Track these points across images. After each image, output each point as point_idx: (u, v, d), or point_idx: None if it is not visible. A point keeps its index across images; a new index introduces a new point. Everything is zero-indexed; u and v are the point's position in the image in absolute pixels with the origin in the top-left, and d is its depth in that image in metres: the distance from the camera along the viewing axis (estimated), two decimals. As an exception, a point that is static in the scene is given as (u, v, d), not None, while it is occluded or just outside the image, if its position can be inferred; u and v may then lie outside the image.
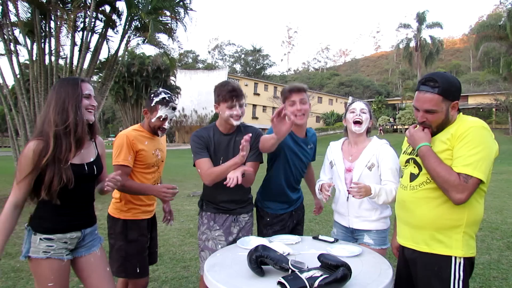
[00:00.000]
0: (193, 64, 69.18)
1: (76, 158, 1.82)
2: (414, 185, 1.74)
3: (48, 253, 1.78)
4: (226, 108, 2.20)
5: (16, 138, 8.26)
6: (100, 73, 10.84)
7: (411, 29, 39.47)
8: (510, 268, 3.66)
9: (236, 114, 2.21)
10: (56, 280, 1.79)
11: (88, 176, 1.88)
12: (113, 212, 2.35)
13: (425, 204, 1.68)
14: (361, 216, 2.23)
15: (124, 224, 2.30)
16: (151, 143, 2.34)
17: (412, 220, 1.74)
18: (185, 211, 6.59)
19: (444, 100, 1.61)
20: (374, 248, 2.14)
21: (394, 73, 76.36)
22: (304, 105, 2.33)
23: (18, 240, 4.73)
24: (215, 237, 2.30)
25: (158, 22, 8.48)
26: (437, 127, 1.68)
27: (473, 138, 1.55)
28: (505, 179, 10.56)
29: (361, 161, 2.24)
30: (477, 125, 1.59)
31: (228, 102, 2.19)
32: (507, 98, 27.98)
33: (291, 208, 2.51)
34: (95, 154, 1.96)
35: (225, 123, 2.28)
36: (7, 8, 7.51)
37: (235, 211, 2.35)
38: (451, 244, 1.62)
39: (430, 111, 1.63)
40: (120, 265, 2.29)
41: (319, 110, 42.86)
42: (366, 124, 2.28)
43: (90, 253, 1.93)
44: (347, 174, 2.28)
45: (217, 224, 2.32)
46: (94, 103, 1.88)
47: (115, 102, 32.85)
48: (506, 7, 30.49)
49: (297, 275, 1.44)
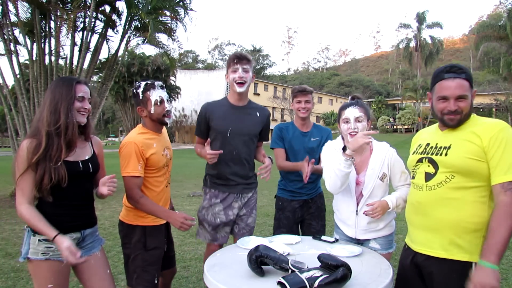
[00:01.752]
0: (193, 64, 69.19)
1: (70, 156, 1.81)
2: (431, 185, 1.63)
3: (47, 254, 1.77)
4: (231, 72, 2.36)
5: (16, 138, 8.25)
6: (100, 73, 10.83)
7: (411, 29, 39.51)
8: (510, 268, 3.66)
9: (239, 77, 2.32)
10: (55, 281, 1.78)
11: (83, 173, 1.85)
12: (129, 219, 2.13)
13: (445, 205, 1.58)
14: (369, 228, 2.11)
15: (143, 231, 2.11)
16: (159, 144, 2.17)
17: (429, 224, 1.63)
18: (185, 211, 6.59)
19: (469, 88, 1.59)
20: (381, 252, 2.05)
21: (394, 73, 76.29)
22: (308, 104, 2.75)
23: (18, 240, 4.73)
24: (215, 211, 2.42)
25: (158, 22, 8.46)
26: (466, 115, 1.60)
27: (508, 141, 1.49)
28: (505, 179, 10.53)
29: (371, 173, 2.08)
30: (504, 126, 1.54)
31: (231, 66, 2.35)
32: (507, 98, 27.94)
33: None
34: (91, 153, 1.94)
35: (233, 93, 2.42)
36: (7, 8, 7.51)
37: (238, 187, 2.45)
38: (471, 250, 1.52)
39: (463, 96, 1.57)
40: (138, 276, 2.09)
41: (319, 110, 42.79)
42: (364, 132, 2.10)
43: (90, 254, 1.91)
44: (356, 187, 2.12)
45: (218, 199, 2.43)
46: (87, 106, 1.85)
47: (115, 102, 32.78)
48: (506, 7, 30.45)
49: (297, 275, 1.44)
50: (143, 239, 2.11)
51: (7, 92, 7.93)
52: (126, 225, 2.15)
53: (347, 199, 2.15)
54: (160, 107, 2.13)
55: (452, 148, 1.60)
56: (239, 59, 2.33)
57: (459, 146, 1.58)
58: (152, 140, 2.13)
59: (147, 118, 2.16)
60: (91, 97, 1.92)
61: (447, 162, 1.59)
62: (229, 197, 2.44)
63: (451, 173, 1.58)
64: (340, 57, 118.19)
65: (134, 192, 2.02)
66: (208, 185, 2.49)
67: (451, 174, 1.58)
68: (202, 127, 2.45)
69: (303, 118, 2.77)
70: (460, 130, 1.62)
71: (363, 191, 2.10)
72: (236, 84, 2.34)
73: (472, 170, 1.53)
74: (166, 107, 2.14)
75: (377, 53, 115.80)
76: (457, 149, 1.58)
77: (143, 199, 2.04)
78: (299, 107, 2.73)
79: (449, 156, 1.59)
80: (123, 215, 2.18)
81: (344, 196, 2.16)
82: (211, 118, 2.39)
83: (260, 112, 2.54)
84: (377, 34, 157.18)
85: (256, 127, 2.51)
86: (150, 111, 2.12)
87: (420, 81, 33.84)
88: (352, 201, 2.12)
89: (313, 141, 2.78)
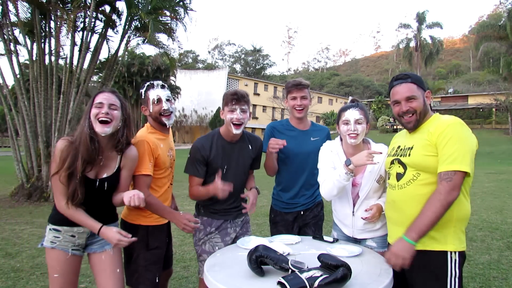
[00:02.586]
0: (193, 64, 69.14)
1: (91, 172, 1.82)
2: (401, 183, 1.78)
3: (54, 243, 1.84)
4: (228, 111, 2.20)
5: (16, 138, 8.26)
6: (100, 73, 10.85)
7: (411, 29, 39.53)
8: (510, 268, 3.66)
9: (236, 118, 2.17)
10: (61, 272, 1.83)
11: (97, 191, 1.85)
12: (131, 218, 2.13)
13: (416, 201, 1.69)
14: (366, 228, 2.12)
15: (145, 231, 2.10)
16: (165, 144, 2.17)
17: (404, 219, 1.73)
18: (184, 211, 6.58)
19: (419, 88, 1.77)
20: (378, 250, 2.06)
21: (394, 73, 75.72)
22: (304, 101, 2.47)
23: (18, 240, 4.74)
24: (211, 239, 2.30)
25: (158, 22, 8.46)
26: (420, 114, 1.76)
27: (453, 135, 1.63)
28: (505, 179, 10.56)
29: (368, 175, 2.09)
30: (454, 122, 1.67)
31: (228, 105, 2.20)
32: (507, 98, 27.94)
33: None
34: (114, 169, 1.89)
35: (227, 130, 2.26)
36: (7, 8, 7.52)
37: (233, 215, 2.37)
38: (444, 240, 1.66)
39: (411, 97, 1.75)
40: (139, 276, 2.08)
41: (319, 110, 42.78)
42: (363, 135, 2.11)
43: (103, 251, 1.94)
44: (352, 188, 2.14)
45: (213, 227, 2.32)
46: (105, 110, 1.78)
47: (115, 102, 32.81)
48: (506, 7, 30.50)
49: (297, 275, 1.44)
50: (145, 238, 2.10)
51: (7, 92, 7.93)
52: (128, 224, 2.13)
53: (344, 201, 2.16)
54: (157, 106, 2.12)
55: (414, 149, 1.76)
56: (238, 100, 2.18)
57: (419, 146, 1.74)
58: (159, 141, 2.14)
59: (150, 118, 2.21)
60: (122, 106, 1.86)
61: (411, 161, 1.75)
62: (223, 224, 2.34)
63: (416, 171, 1.73)
64: (340, 57, 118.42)
65: (144, 190, 2.00)
66: (202, 213, 2.36)
67: (417, 172, 1.73)
68: (200, 167, 2.26)
69: (299, 118, 2.51)
70: (420, 130, 1.79)
71: (360, 193, 2.11)
72: (233, 125, 2.19)
73: (432, 166, 1.67)
74: (163, 106, 2.13)
75: (377, 53, 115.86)
76: (417, 149, 1.74)
77: (150, 197, 2.03)
78: (295, 105, 2.46)
79: (412, 156, 1.75)
80: (125, 214, 2.17)
81: (341, 198, 2.17)
82: (210, 157, 2.26)
83: (252, 144, 2.40)
84: (377, 34, 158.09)
85: (250, 160, 2.41)
86: (150, 110, 2.15)
87: (420, 81, 33.77)
88: (349, 202, 2.14)
89: (313, 141, 2.50)
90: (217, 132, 2.32)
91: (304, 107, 2.47)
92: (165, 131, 2.22)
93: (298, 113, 2.47)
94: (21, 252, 4.24)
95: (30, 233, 5.11)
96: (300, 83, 2.45)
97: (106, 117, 1.78)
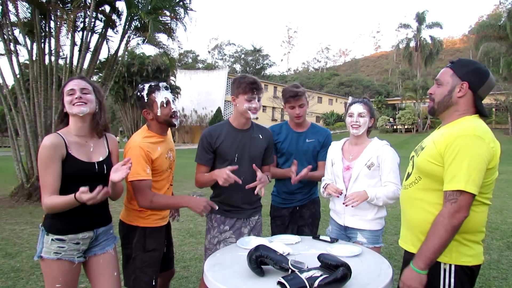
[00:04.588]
0: (193, 64, 69.12)
1: (83, 155, 1.81)
2: (406, 184, 1.72)
3: (59, 254, 1.78)
4: (245, 100, 2.21)
5: (16, 138, 8.25)
6: (100, 73, 10.84)
7: (411, 29, 39.42)
8: (510, 268, 3.66)
9: (255, 107, 2.23)
10: (64, 281, 1.80)
11: (98, 175, 1.85)
12: (130, 220, 2.12)
13: (413, 205, 1.66)
14: (357, 214, 2.26)
15: (143, 233, 2.09)
16: (163, 147, 2.14)
17: (405, 222, 1.74)
18: (185, 211, 6.58)
19: (453, 75, 1.57)
20: (368, 246, 2.16)
21: (394, 73, 76.19)
22: (302, 108, 2.59)
23: (18, 240, 4.74)
24: (226, 238, 2.29)
25: (158, 22, 8.46)
26: (438, 104, 1.60)
27: (461, 149, 1.44)
28: (505, 179, 10.55)
29: (361, 160, 2.28)
30: (465, 133, 1.46)
31: (248, 94, 2.20)
32: (507, 98, 27.95)
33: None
34: (106, 153, 1.93)
35: (240, 117, 2.29)
36: (7, 8, 7.50)
37: (246, 213, 2.36)
38: None
39: (437, 81, 1.62)
40: (136, 278, 2.08)
41: (319, 110, 42.78)
42: (365, 127, 2.32)
43: (103, 252, 1.93)
44: (345, 173, 2.32)
45: (227, 226, 2.32)
46: (78, 95, 1.80)
47: (115, 102, 32.77)
48: (506, 7, 30.49)
49: (297, 275, 1.44)
50: (143, 240, 2.09)
51: (7, 92, 7.92)
52: (126, 225, 2.13)
53: (338, 184, 2.35)
54: (166, 108, 2.08)
55: (424, 149, 1.61)
56: (258, 90, 2.22)
57: (428, 148, 1.59)
58: (156, 144, 2.10)
59: (153, 121, 2.12)
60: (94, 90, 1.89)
61: (416, 163, 1.65)
62: (237, 223, 2.33)
63: (418, 174, 1.63)
64: (340, 57, 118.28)
65: (146, 193, 1.99)
66: (215, 211, 2.31)
67: (419, 176, 1.63)
68: (206, 154, 2.28)
69: (298, 123, 2.66)
70: (443, 128, 1.61)
71: (352, 176, 2.29)
72: (250, 112, 2.23)
73: (434, 174, 1.54)
74: (172, 108, 2.10)
75: (377, 53, 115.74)
76: (426, 150, 1.59)
77: (155, 196, 2.03)
78: (293, 113, 2.59)
79: (419, 157, 1.63)
80: (123, 215, 2.17)
81: (337, 182, 2.38)
82: (216, 144, 2.26)
83: (263, 134, 2.42)
84: (377, 34, 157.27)
85: (261, 150, 2.39)
86: (156, 113, 2.07)
87: (420, 81, 33.80)
88: (341, 186, 2.32)
89: (308, 142, 2.64)
90: (227, 121, 2.36)
91: (302, 114, 2.62)
92: (164, 132, 2.20)
93: (297, 120, 2.62)
94: (21, 252, 4.24)
95: (30, 233, 5.11)
96: (297, 94, 2.53)
97: (80, 101, 1.80)
